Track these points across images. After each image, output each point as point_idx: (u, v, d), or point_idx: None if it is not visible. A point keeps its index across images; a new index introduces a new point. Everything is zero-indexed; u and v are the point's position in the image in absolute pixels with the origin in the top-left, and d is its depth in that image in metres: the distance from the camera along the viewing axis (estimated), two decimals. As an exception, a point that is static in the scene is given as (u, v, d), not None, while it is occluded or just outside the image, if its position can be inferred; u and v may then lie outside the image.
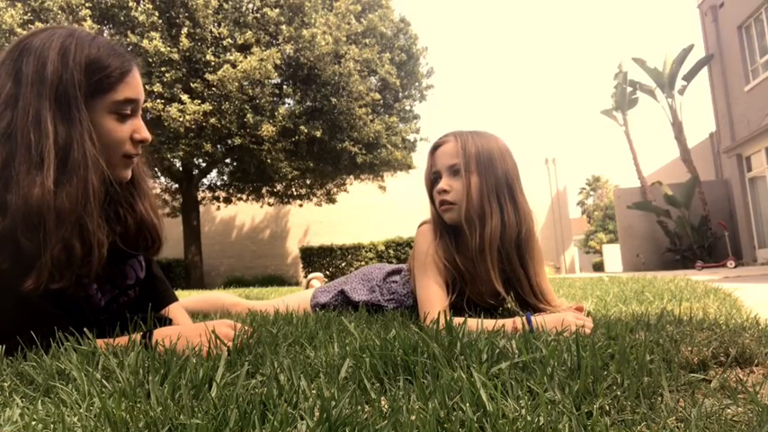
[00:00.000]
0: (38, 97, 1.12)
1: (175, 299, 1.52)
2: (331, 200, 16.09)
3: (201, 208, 16.16)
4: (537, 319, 1.36)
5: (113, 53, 1.21)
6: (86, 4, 11.41)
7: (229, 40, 11.97)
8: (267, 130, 12.16)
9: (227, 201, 15.99)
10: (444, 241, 1.70)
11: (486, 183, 1.66)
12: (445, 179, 1.69)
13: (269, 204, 16.60)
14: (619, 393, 0.77)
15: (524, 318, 1.37)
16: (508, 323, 1.36)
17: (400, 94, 14.85)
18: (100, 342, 1.10)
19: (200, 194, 15.76)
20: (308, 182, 15.36)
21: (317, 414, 0.68)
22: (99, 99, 1.18)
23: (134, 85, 1.23)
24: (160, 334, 1.13)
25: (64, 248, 1.09)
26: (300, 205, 16.59)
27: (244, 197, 16.01)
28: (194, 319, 1.64)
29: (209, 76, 11.60)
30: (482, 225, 1.65)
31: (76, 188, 1.11)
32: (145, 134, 1.24)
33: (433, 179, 1.75)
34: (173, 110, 11.36)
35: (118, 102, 1.19)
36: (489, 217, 1.65)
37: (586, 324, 1.34)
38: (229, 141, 13.02)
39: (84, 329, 1.12)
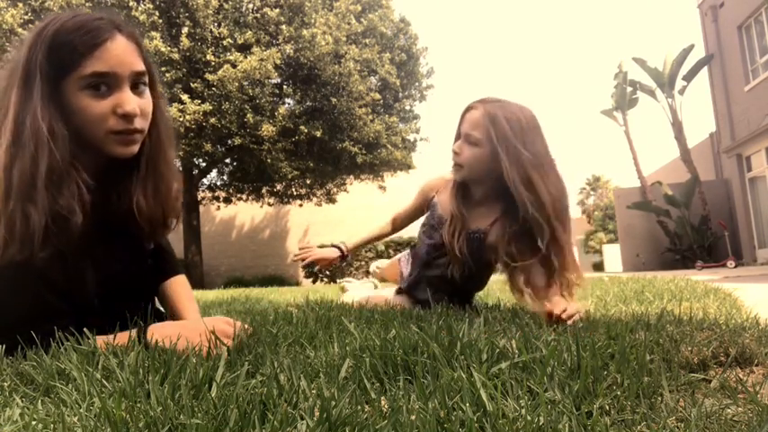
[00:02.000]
0: (13, 80, 1.16)
1: (180, 271, 1.53)
2: (331, 200, 16.09)
3: (201, 208, 16.15)
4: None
5: (83, 28, 1.18)
6: (87, 4, 11.42)
7: (229, 39, 11.97)
8: (267, 129, 12.16)
9: (227, 201, 15.98)
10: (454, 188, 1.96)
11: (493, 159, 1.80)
12: (459, 143, 1.89)
13: (269, 204, 16.59)
14: (619, 393, 0.77)
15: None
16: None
17: (400, 94, 14.85)
18: (100, 342, 1.10)
19: (200, 194, 15.76)
20: (308, 182, 15.36)
21: (317, 414, 0.68)
22: (69, 76, 1.17)
23: (106, 58, 1.18)
24: (160, 332, 1.13)
25: (21, 219, 1.10)
26: (300, 205, 16.59)
27: (244, 197, 16.00)
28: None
29: (209, 76, 11.61)
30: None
31: (25, 163, 1.11)
32: (127, 107, 1.19)
33: (456, 137, 1.94)
34: (173, 110, 11.36)
35: (85, 76, 1.16)
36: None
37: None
38: (229, 141, 13.03)
39: (85, 330, 1.12)
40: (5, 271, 1.11)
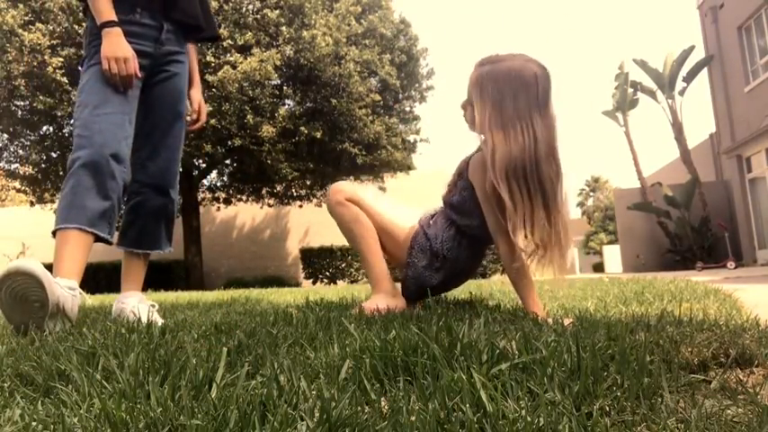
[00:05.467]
0: None
1: None
2: (331, 201, 16.08)
3: (201, 209, 16.16)
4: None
5: None
6: (87, 5, 11.42)
7: (229, 41, 11.98)
8: (267, 131, 12.16)
9: (227, 202, 15.98)
10: None
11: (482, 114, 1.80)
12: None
13: (269, 205, 16.60)
14: (619, 394, 0.77)
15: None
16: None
17: (400, 95, 14.85)
18: None
19: (201, 195, 15.76)
20: (308, 183, 15.36)
21: (317, 415, 0.68)
22: None
23: None
24: None
25: None
26: (300, 206, 16.59)
27: (244, 198, 16.01)
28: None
29: (209, 78, 11.61)
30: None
31: None
32: None
33: None
34: (173, 111, 11.35)
35: None
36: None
37: None
38: (229, 142, 13.02)
39: None
40: None
